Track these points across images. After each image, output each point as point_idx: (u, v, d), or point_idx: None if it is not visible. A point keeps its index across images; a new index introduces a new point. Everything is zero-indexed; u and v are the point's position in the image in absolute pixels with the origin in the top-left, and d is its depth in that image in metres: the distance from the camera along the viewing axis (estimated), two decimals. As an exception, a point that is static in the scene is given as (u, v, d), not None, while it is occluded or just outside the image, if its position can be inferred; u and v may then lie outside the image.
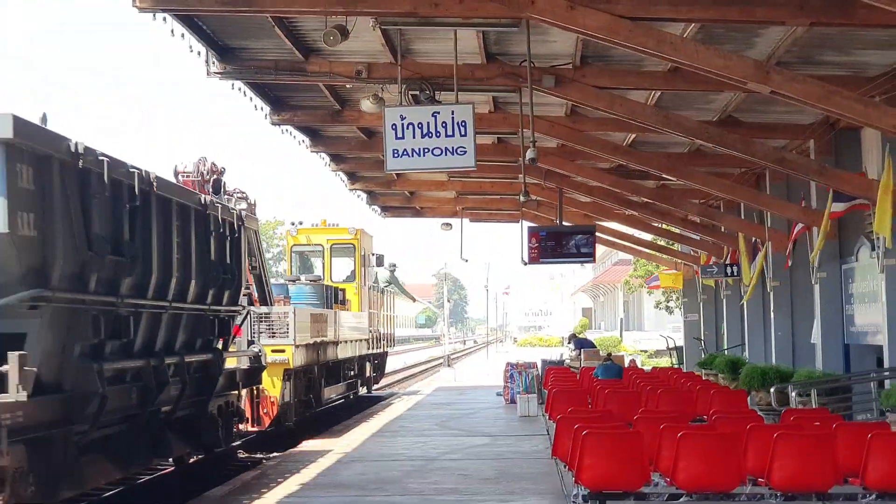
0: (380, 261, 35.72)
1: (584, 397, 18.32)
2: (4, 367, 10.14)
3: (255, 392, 21.58)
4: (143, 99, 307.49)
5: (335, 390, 29.18)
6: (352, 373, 31.73)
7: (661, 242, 38.91)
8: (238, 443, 20.60)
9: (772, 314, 24.11)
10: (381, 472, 16.17)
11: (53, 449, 11.21)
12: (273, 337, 22.57)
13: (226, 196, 19.72)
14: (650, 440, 11.11)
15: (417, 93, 16.88)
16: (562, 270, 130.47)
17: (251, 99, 19.80)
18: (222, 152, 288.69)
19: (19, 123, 10.41)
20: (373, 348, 34.22)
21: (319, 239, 31.95)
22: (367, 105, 17.88)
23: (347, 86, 19.13)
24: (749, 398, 18.81)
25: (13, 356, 10.19)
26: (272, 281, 25.50)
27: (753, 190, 24.08)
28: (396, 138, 15.26)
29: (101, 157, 11.87)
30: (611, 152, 22.06)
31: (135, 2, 13.36)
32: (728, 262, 28.66)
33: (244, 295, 18.83)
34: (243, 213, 18.49)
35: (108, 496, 14.96)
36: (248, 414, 20.98)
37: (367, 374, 34.16)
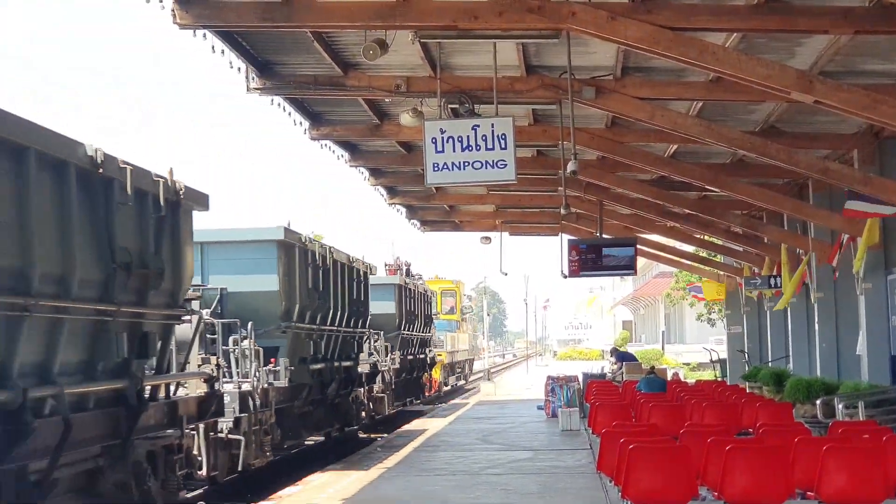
0: (470, 299, 61.98)
1: (627, 411, 18.17)
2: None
3: (430, 373, 41.73)
4: (143, 99, 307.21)
5: (453, 378, 51.63)
6: (459, 370, 54.92)
7: (704, 254, 38.68)
8: (419, 400, 39.03)
9: (816, 326, 23.87)
10: (422, 486, 16.10)
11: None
12: (436, 347, 43.33)
13: (410, 276, 37.49)
14: (697, 454, 10.98)
15: (457, 106, 16.87)
16: (602, 283, 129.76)
17: (290, 114, 19.85)
18: (222, 152, 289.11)
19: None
20: (468, 356, 59.97)
21: (434, 287, 47.21)
22: (406, 119, 17.86)
23: (386, 100, 19.15)
24: (794, 411, 18.62)
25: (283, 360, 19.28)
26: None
27: (796, 200, 23.87)
28: (436, 152, 15.23)
29: (331, 248, 22.61)
30: (652, 164, 21.93)
31: (175, 18, 13.42)
32: (772, 273, 28.43)
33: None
34: (422, 285, 39.19)
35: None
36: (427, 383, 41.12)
37: (466, 371, 58.74)
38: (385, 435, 26.37)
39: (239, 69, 16.74)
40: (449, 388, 49.23)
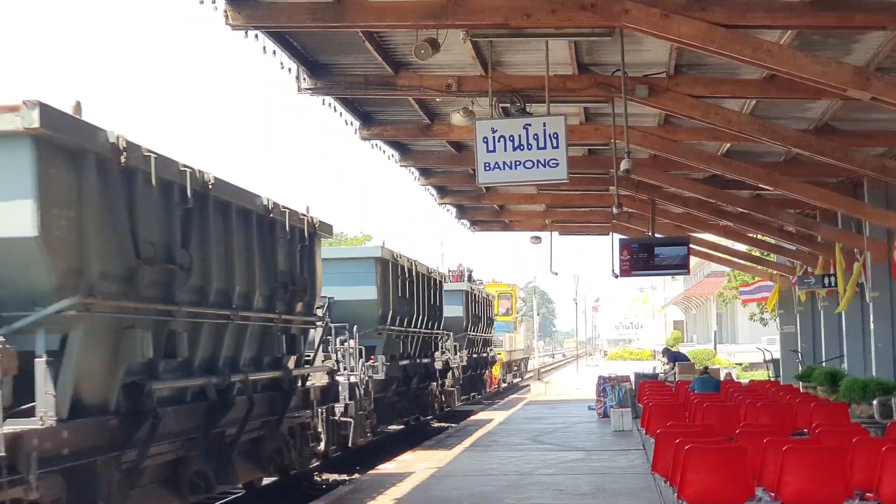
0: (524, 301, 66.10)
1: (681, 411, 18.05)
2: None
3: (491, 371, 46.00)
4: (148, 97, 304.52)
5: (510, 376, 55.06)
6: (516, 368, 58.29)
7: (757, 253, 38.38)
8: (481, 395, 42.93)
9: (871, 325, 23.56)
10: (475, 486, 16.07)
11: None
12: (496, 347, 46.98)
13: (472, 281, 41.98)
14: (753, 454, 10.88)
15: (508, 105, 16.78)
16: (652, 283, 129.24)
17: (341, 114, 19.86)
18: (215, 151, 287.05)
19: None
20: (524, 355, 63.03)
21: (492, 290, 50.63)
22: (457, 118, 17.82)
23: (437, 99, 19.11)
24: (850, 411, 18.41)
25: (380, 357, 22.84)
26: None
27: (851, 199, 23.58)
28: (488, 151, 15.20)
29: (415, 262, 27.07)
30: (705, 162, 21.75)
31: (227, 19, 13.48)
32: (826, 272, 28.13)
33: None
34: (483, 289, 44.09)
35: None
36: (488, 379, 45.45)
37: (522, 369, 62.01)
38: (454, 425, 29.79)
39: (290, 70, 16.78)
40: (506, 384, 53.07)
